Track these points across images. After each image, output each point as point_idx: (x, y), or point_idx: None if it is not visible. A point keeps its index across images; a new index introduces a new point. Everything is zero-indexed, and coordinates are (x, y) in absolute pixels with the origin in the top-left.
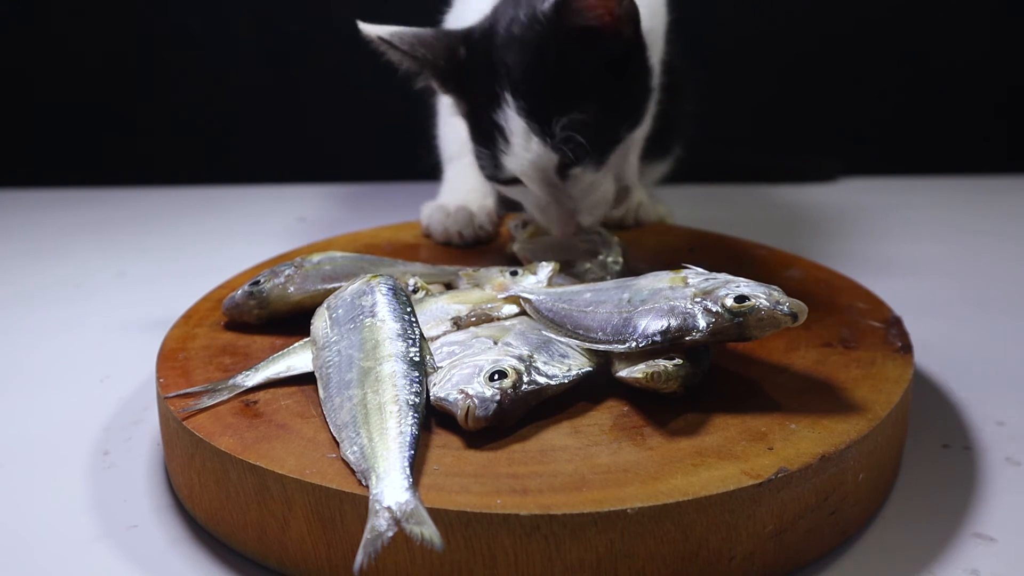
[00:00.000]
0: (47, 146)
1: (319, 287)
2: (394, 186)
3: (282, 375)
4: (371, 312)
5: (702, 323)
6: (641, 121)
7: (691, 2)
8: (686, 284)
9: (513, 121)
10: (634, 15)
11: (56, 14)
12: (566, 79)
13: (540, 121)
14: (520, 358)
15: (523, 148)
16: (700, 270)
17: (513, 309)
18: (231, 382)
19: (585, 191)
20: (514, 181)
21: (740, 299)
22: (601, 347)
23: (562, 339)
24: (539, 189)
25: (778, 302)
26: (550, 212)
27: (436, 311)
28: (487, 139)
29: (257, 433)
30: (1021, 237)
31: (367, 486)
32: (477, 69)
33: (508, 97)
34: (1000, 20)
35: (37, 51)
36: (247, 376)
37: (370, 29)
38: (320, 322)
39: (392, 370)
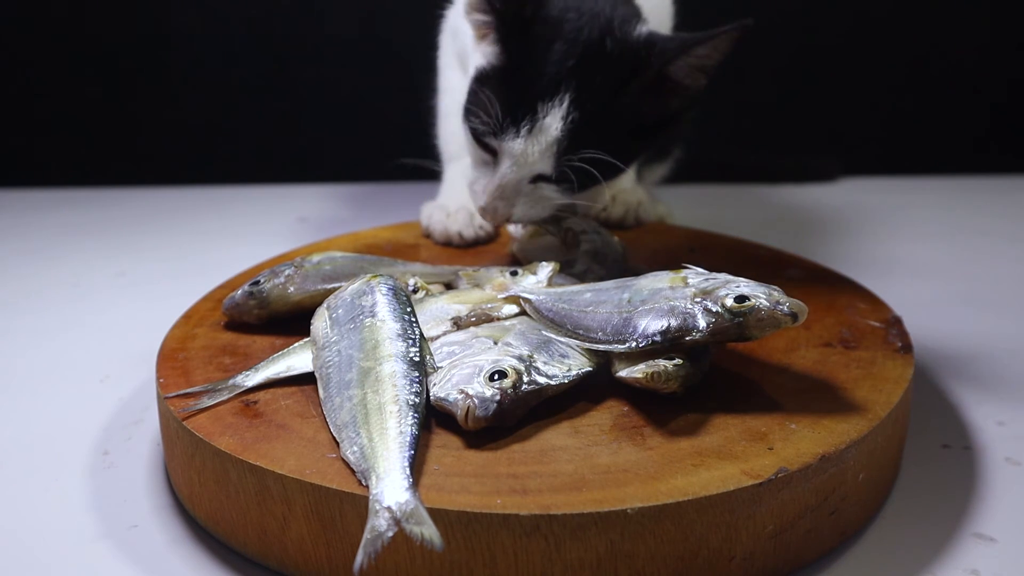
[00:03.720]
0: (47, 146)
1: (319, 287)
2: (394, 186)
3: (282, 375)
4: (371, 312)
5: (702, 323)
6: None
7: (691, 2)
8: (686, 284)
9: (552, 122)
10: (698, 98)
11: (56, 14)
12: (616, 119)
13: (573, 140)
14: (520, 358)
15: (537, 146)
16: (700, 270)
17: (513, 309)
18: (231, 382)
19: (538, 199)
20: (491, 150)
21: (740, 299)
22: (601, 347)
23: (562, 339)
24: (509, 175)
25: (778, 302)
26: (487, 193)
27: (436, 311)
28: (512, 108)
29: (257, 433)
30: (1021, 237)
31: (367, 486)
32: (540, 40)
33: (567, 99)
34: (1000, 20)
35: (37, 51)
36: (247, 376)
37: None
38: (320, 322)
39: (392, 370)
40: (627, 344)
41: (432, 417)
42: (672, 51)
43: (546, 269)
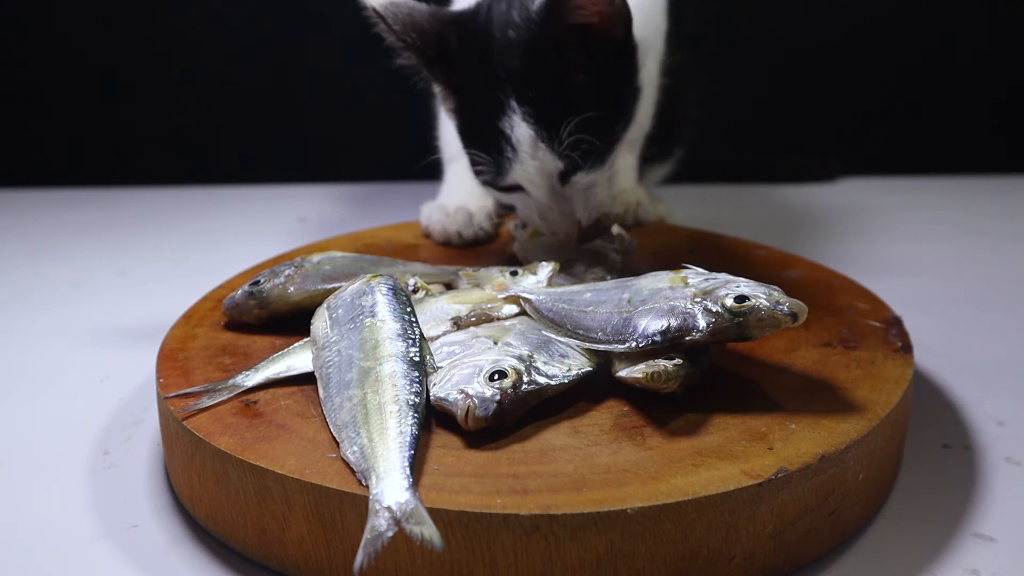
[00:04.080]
0: (47, 146)
1: (319, 287)
2: (394, 186)
3: (282, 375)
4: (371, 312)
5: (702, 323)
6: (632, 120)
7: (692, 2)
8: (686, 284)
9: (520, 128)
10: (625, 14)
11: (56, 14)
12: (567, 82)
13: (548, 127)
14: (520, 358)
15: (531, 156)
16: (700, 270)
17: (513, 309)
18: (231, 382)
19: (586, 194)
20: (515, 188)
21: (740, 299)
22: (601, 347)
23: (562, 339)
24: (542, 195)
25: (778, 302)
26: (551, 217)
27: (436, 311)
28: (488, 146)
29: (257, 433)
30: (1021, 237)
31: (367, 486)
32: (472, 68)
33: (514, 104)
34: (1000, 20)
35: (37, 51)
36: (247, 376)
37: None
38: (320, 322)
39: (392, 370)
40: (627, 344)
41: (432, 417)
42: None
43: (546, 269)
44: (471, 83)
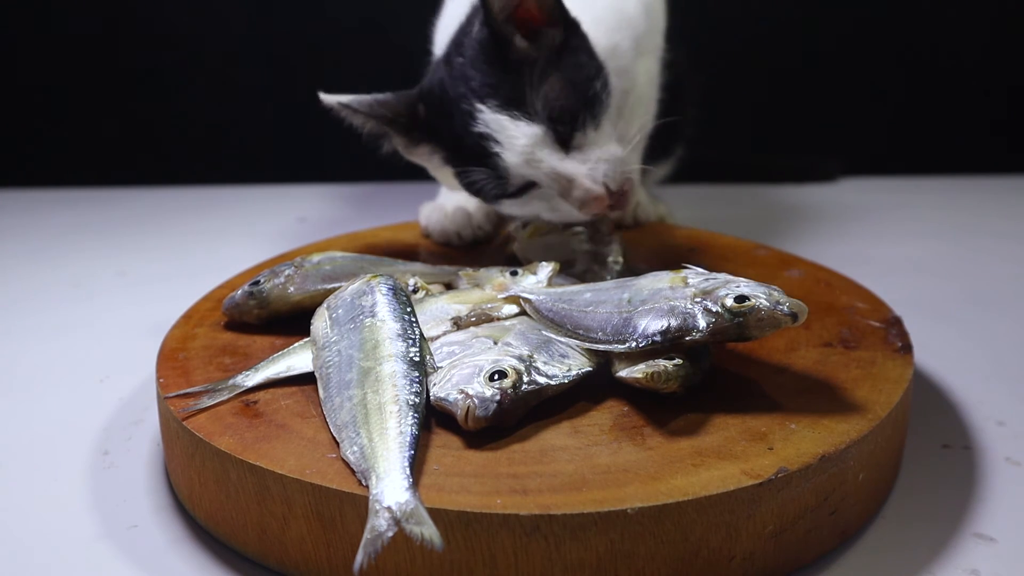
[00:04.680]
0: (47, 146)
1: (319, 287)
2: (394, 186)
3: (282, 375)
4: (371, 312)
5: (702, 323)
6: (607, 85)
7: (692, 2)
8: (686, 284)
9: (493, 121)
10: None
11: (56, 14)
12: (521, 66)
13: (517, 106)
14: (520, 358)
15: (515, 136)
16: (700, 270)
17: (513, 309)
18: (231, 382)
19: (595, 155)
20: (525, 188)
21: (740, 299)
22: (601, 347)
23: (562, 339)
24: (551, 173)
25: (778, 302)
26: (576, 193)
27: (436, 311)
28: (479, 158)
29: (257, 433)
30: (1021, 237)
31: (367, 486)
32: (442, 115)
33: (479, 106)
34: (1000, 20)
35: (37, 51)
36: (247, 376)
37: (329, 98)
38: (320, 322)
39: (392, 370)
40: (627, 344)
41: (432, 417)
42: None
43: (546, 269)
44: (444, 124)
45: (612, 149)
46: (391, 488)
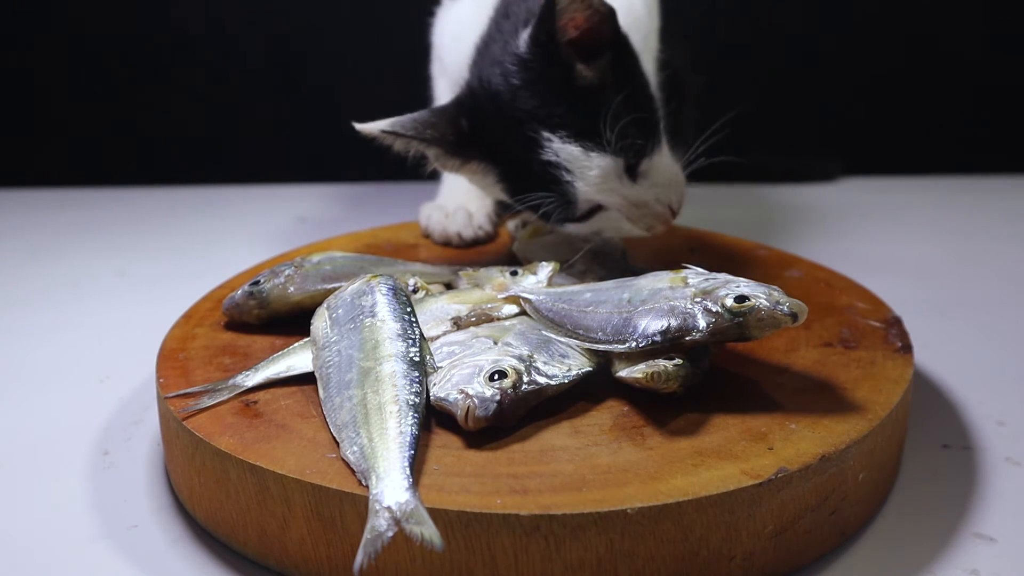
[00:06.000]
0: (47, 146)
1: (319, 287)
2: (394, 186)
3: (282, 375)
4: (371, 312)
5: (702, 323)
6: (655, 96)
7: (692, 2)
8: (686, 284)
9: (564, 151)
10: (608, 13)
11: (56, 14)
12: (580, 90)
13: (588, 136)
14: (520, 358)
15: (588, 168)
16: (700, 270)
17: (513, 309)
18: (231, 382)
19: (660, 177)
20: (592, 212)
21: (740, 299)
22: (601, 347)
23: (562, 339)
24: (621, 199)
25: (778, 302)
26: (643, 216)
27: (436, 311)
28: (544, 183)
29: (257, 433)
30: (1021, 237)
31: (367, 486)
32: (496, 134)
33: (547, 135)
34: (1000, 20)
35: (37, 51)
36: (247, 376)
37: (369, 127)
38: (320, 322)
39: (392, 370)
40: (627, 344)
41: (432, 417)
42: (541, 23)
43: (546, 269)
44: (499, 145)
45: (674, 171)
46: (391, 488)
